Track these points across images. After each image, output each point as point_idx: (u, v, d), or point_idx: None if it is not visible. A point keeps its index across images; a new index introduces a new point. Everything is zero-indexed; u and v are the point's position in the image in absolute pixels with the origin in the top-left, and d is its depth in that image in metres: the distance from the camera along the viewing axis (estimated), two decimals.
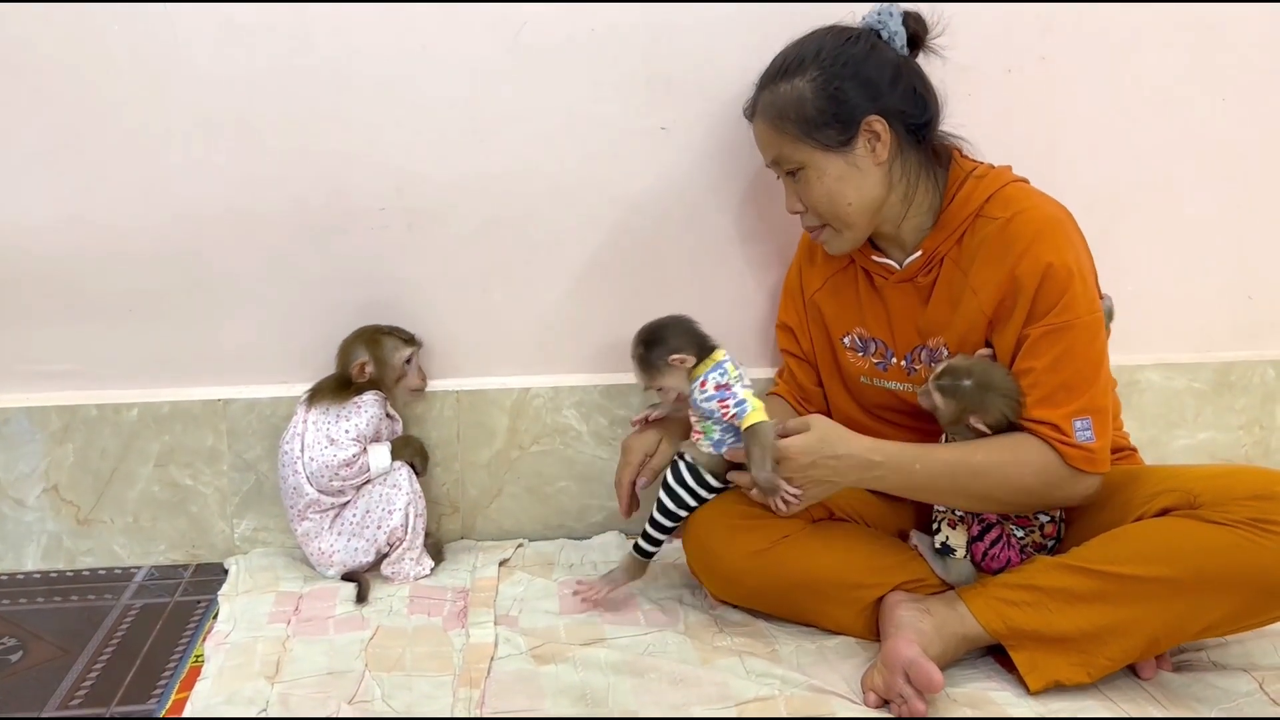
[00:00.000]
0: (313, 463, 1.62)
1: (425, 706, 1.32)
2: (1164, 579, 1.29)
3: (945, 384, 1.42)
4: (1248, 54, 1.82)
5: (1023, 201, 1.43)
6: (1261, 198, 1.90)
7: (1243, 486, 1.31)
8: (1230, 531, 1.27)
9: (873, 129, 1.42)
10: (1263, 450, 1.99)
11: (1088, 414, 1.38)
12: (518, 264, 1.76)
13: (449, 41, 1.64)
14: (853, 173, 1.44)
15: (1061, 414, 1.38)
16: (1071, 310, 1.38)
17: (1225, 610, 1.30)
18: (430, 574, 1.67)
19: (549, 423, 1.81)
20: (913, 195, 1.47)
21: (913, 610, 1.40)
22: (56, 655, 1.48)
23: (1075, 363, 1.38)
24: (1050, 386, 1.38)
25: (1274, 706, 1.32)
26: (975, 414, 1.40)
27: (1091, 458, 1.38)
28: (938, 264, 1.48)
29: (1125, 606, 1.31)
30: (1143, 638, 1.32)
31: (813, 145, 1.43)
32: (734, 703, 1.32)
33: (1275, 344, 1.99)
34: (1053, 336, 1.38)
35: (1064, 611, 1.33)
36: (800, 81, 1.43)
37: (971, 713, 1.31)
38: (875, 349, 1.56)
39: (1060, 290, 1.37)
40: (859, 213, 1.46)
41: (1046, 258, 1.38)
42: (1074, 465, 1.38)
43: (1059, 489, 1.40)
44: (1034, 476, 1.39)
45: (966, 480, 1.40)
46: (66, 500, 1.73)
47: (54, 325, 1.70)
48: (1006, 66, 1.76)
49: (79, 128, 1.62)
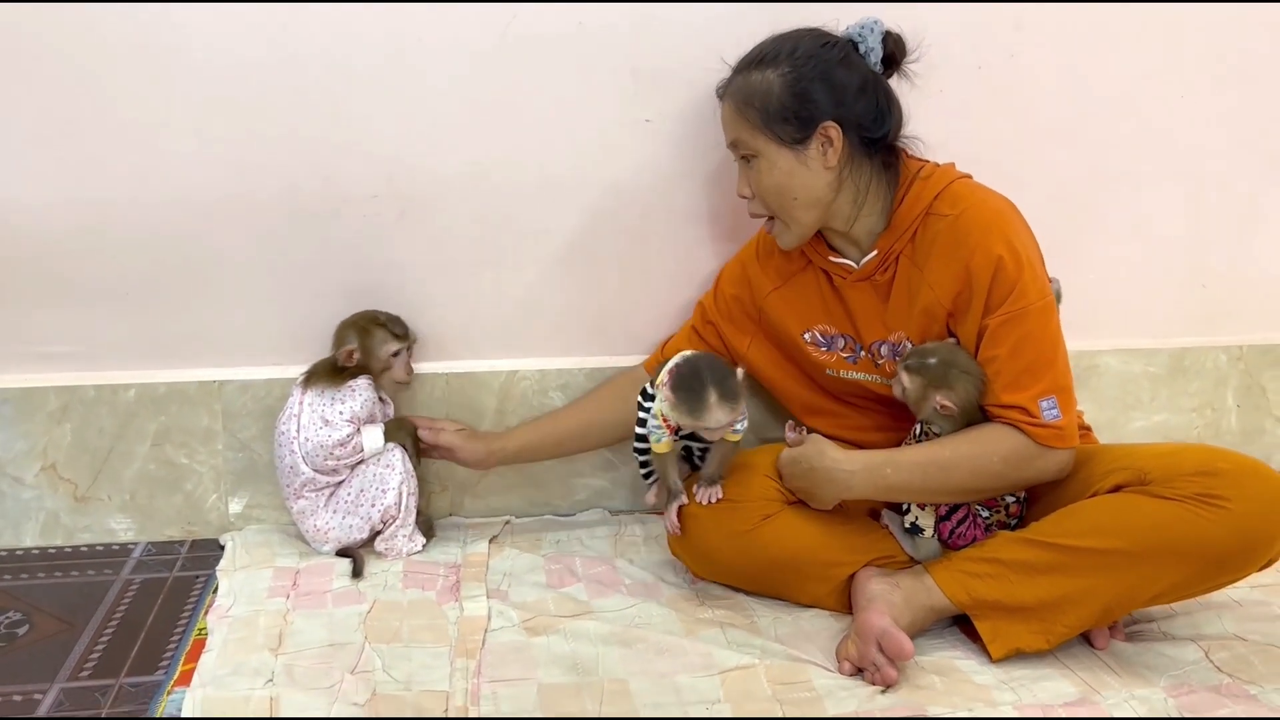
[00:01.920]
0: (308, 443, 1.68)
1: (424, 676, 1.39)
2: (1116, 550, 1.38)
3: (911, 363, 1.49)
4: (1205, 55, 1.89)
5: (969, 198, 1.50)
6: (1216, 192, 1.98)
7: (1189, 463, 1.39)
8: (1177, 505, 1.36)
9: (827, 134, 1.47)
10: (1214, 432, 2.09)
11: (1051, 393, 1.45)
12: (506, 251, 1.81)
13: (440, 33, 1.68)
14: (801, 170, 1.50)
15: (1027, 396, 1.45)
16: (1025, 297, 1.45)
17: (1173, 579, 1.39)
18: (422, 550, 1.73)
19: (536, 404, 1.87)
20: (863, 199, 1.53)
21: (883, 584, 1.48)
22: (62, 629, 1.53)
23: (1035, 346, 1.46)
24: (1014, 372, 1.45)
25: (1219, 674, 1.41)
26: (941, 390, 1.47)
27: (1060, 434, 1.45)
28: (893, 262, 1.54)
29: (1081, 577, 1.40)
30: (1098, 606, 1.41)
31: (768, 137, 1.49)
32: (717, 670, 1.40)
33: (1227, 331, 2.07)
34: (1010, 324, 1.45)
35: (1024, 583, 1.41)
36: (771, 73, 1.48)
37: (939, 680, 1.39)
38: (844, 344, 1.62)
39: (1012, 280, 1.44)
40: (803, 208, 1.52)
41: (996, 250, 1.44)
42: (1045, 444, 1.45)
43: (1031, 468, 1.47)
44: (1002, 462, 1.46)
45: (938, 476, 1.47)
46: (64, 478, 1.77)
47: (52, 307, 1.73)
48: (977, 64, 1.82)
49: (77, 112, 1.65)
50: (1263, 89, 1.93)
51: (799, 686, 1.38)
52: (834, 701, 1.35)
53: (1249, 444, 2.10)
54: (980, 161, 1.59)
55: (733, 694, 1.36)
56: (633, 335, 1.88)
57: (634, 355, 1.88)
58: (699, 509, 1.56)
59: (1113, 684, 1.39)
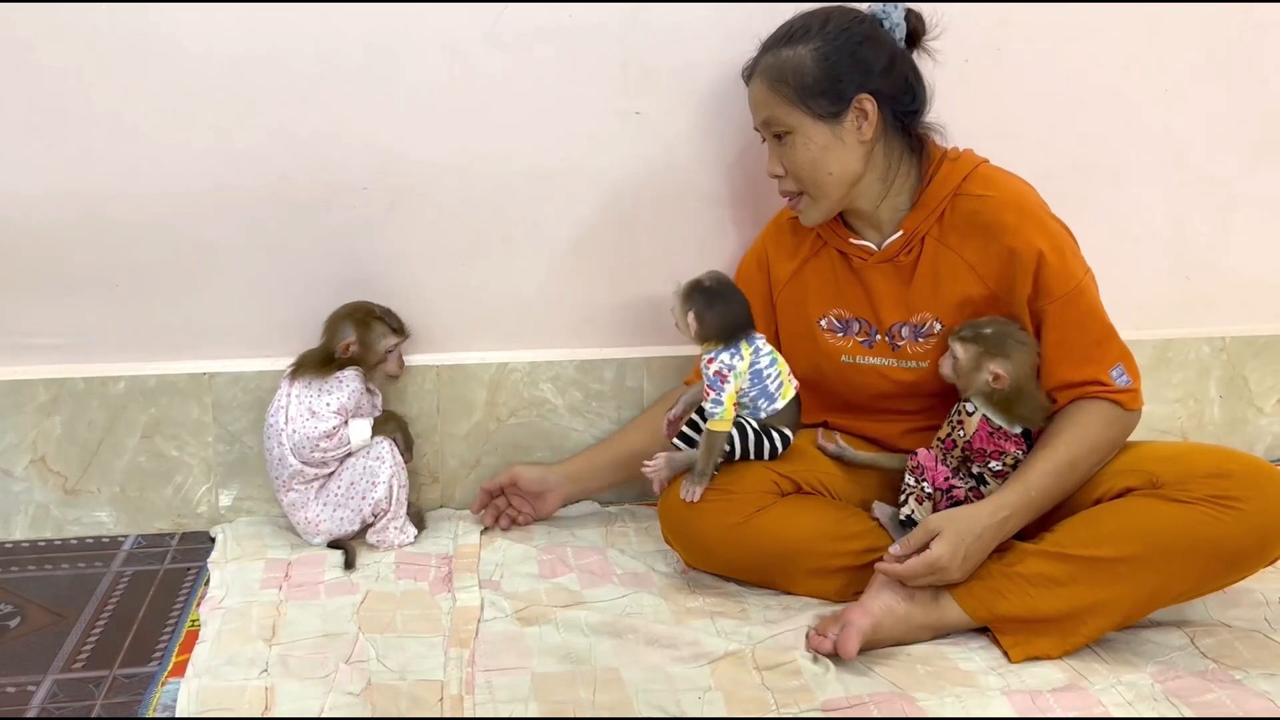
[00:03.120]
0: (295, 435, 1.68)
1: (419, 665, 1.39)
2: (1135, 557, 1.39)
3: (965, 333, 1.51)
4: (1188, 49, 1.91)
5: (999, 180, 1.54)
6: (1198, 184, 2.00)
7: (1200, 466, 1.41)
8: (1192, 509, 1.38)
9: (862, 107, 1.49)
10: (1197, 422, 2.11)
11: (1118, 361, 1.51)
12: (496, 243, 1.81)
13: (430, 25, 1.68)
14: (837, 144, 1.51)
15: (1101, 369, 1.49)
16: (1074, 275, 1.49)
17: (1190, 582, 1.42)
18: (414, 542, 1.74)
19: (526, 396, 1.88)
20: (892, 177, 1.55)
21: (899, 591, 1.46)
22: (54, 621, 1.53)
23: (1094, 320, 1.51)
24: (1084, 348, 1.50)
25: (1204, 660, 1.43)
26: (996, 359, 1.47)
27: (1135, 395, 1.51)
28: (918, 243, 1.56)
29: (1102, 587, 1.41)
30: (1119, 614, 1.43)
31: (803, 111, 1.50)
32: (707, 660, 1.41)
33: (1210, 322, 2.10)
34: (1066, 304, 1.49)
35: (1045, 596, 1.42)
36: (803, 49, 1.49)
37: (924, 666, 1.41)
38: (860, 328, 1.63)
39: (1060, 263, 1.49)
40: (837, 184, 1.53)
41: (1038, 239, 1.49)
42: (1128, 407, 1.50)
43: (1123, 433, 1.52)
44: (1106, 430, 1.49)
45: (1069, 473, 1.48)
46: (54, 471, 1.77)
47: (41, 299, 1.73)
48: (964, 56, 1.83)
49: (66, 102, 1.64)
50: (1245, 82, 1.96)
51: (784, 670, 1.39)
52: (820, 685, 1.36)
53: (1232, 434, 2.13)
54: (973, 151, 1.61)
55: (723, 682, 1.37)
56: (623, 327, 1.90)
57: (624, 347, 1.89)
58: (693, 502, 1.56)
59: (1100, 670, 1.41)
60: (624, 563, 1.70)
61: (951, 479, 1.54)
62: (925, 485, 1.55)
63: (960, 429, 1.54)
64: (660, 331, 1.89)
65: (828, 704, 1.32)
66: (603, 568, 1.68)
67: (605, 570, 1.67)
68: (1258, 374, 2.12)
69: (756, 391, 1.54)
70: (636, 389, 1.90)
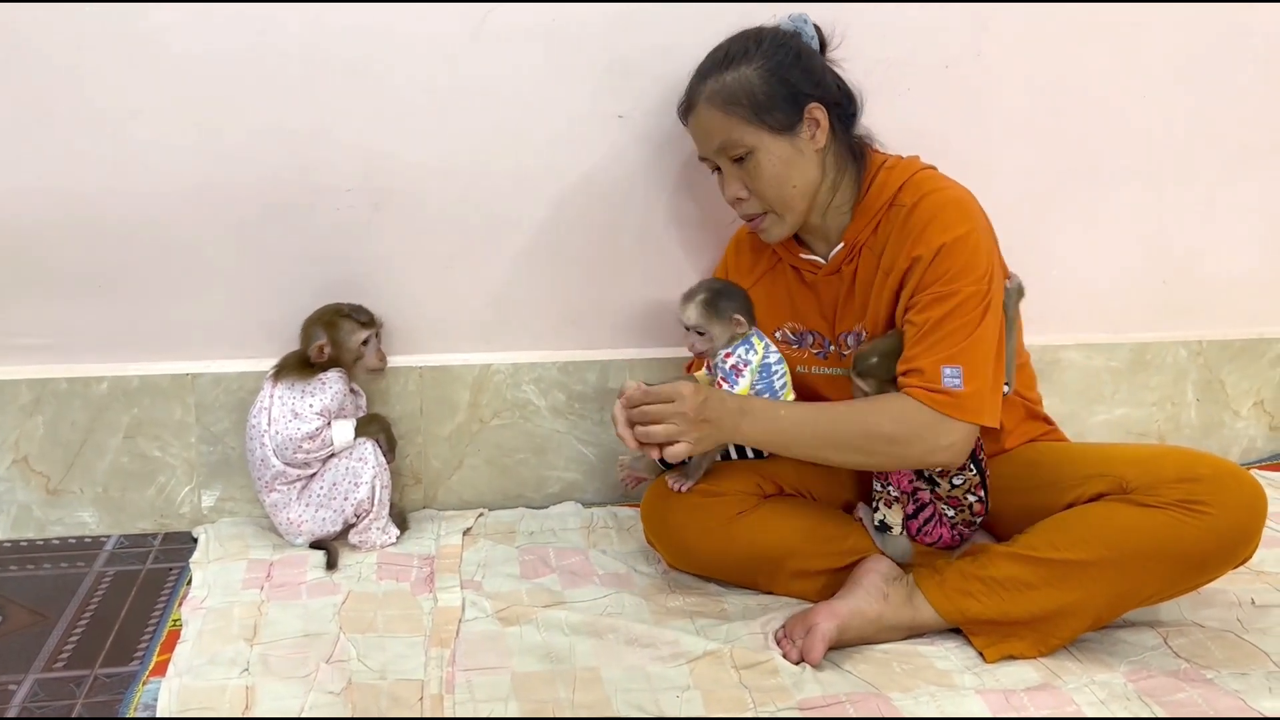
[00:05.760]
0: (278, 436, 1.69)
1: (399, 665, 1.40)
2: (1105, 561, 1.41)
3: (859, 368, 1.52)
4: (1165, 55, 1.93)
5: (928, 185, 1.52)
6: (1175, 191, 2.03)
7: (1169, 470, 1.42)
8: (1161, 513, 1.39)
9: (814, 115, 1.50)
10: (1174, 425, 2.14)
11: (958, 362, 1.42)
12: (480, 245, 1.82)
13: (416, 27, 1.69)
14: (797, 156, 1.52)
15: (930, 360, 1.43)
16: (958, 282, 1.44)
17: (1158, 584, 1.43)
18: (396, 542, 1.75)
19: (509, 398, 1.89)
20: (838, 184, 1.56)
21: (874, 592, 1.48)
22: (35, 620, 1.53)
23: (954, 322, 1.44)
24: (925, 337, 1.44)
25: (1177, 659, 1.45)
26: (893, 381, 1.49)
27: (959, 404, 1.42)
28: (858, 254, 1.57)
29: (1072, 590, 1.42)
30: (1090, 616, 1.44)
31: (761, 128, 1.50)
32: (686, 659, 1.42)
33: (1187, 326, 2.12)
34: (938, 302, 1.45)
35: (1017, 599, 1.44)
36: (747, 69, 1.50)
37: (900, 665, 1.43)
38: (814, 340, 1.65)
39: (951, 264, 1.45)
40: (801, 196, 1.54)
41: (941, 237, 1.45)
42: (939, 410, 1.42)
43: (923, 436, 1.43)
44: (892, 423, 1.44)
45: (827, 428, 1.46)
46: (36, 471, 1.77)
47: (24, 299, 1.73)
48: (944, 63, 1.85)
49: (49, 101, 1.64)
50: (1221, 89, 1.98)
51: (762, 669, 1.40)
52: (797, 685, 1.37)
53: (1208, 437, 2.15)
54: (947, 157, 1.62)
55: (701, 681, 1.38)
56: (605, 329, 1.91)
57: (607, 349, 1.91)
58: (676, 503, 1.58)
59: (1074, 669, 1.42)
60: (605, 563, 1.71)
61: (915, 481, 1.56)
62: (891, 488, 1.57)
63: None
64: (643, 333, 1.91)
65: (804, 703, 1.34)
66: (584, 568, 1.69)
67: (587, 570, 1.68)
68: (1234, 377, 2.14)
69: (763, 385, 1.56)
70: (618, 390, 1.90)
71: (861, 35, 1.59)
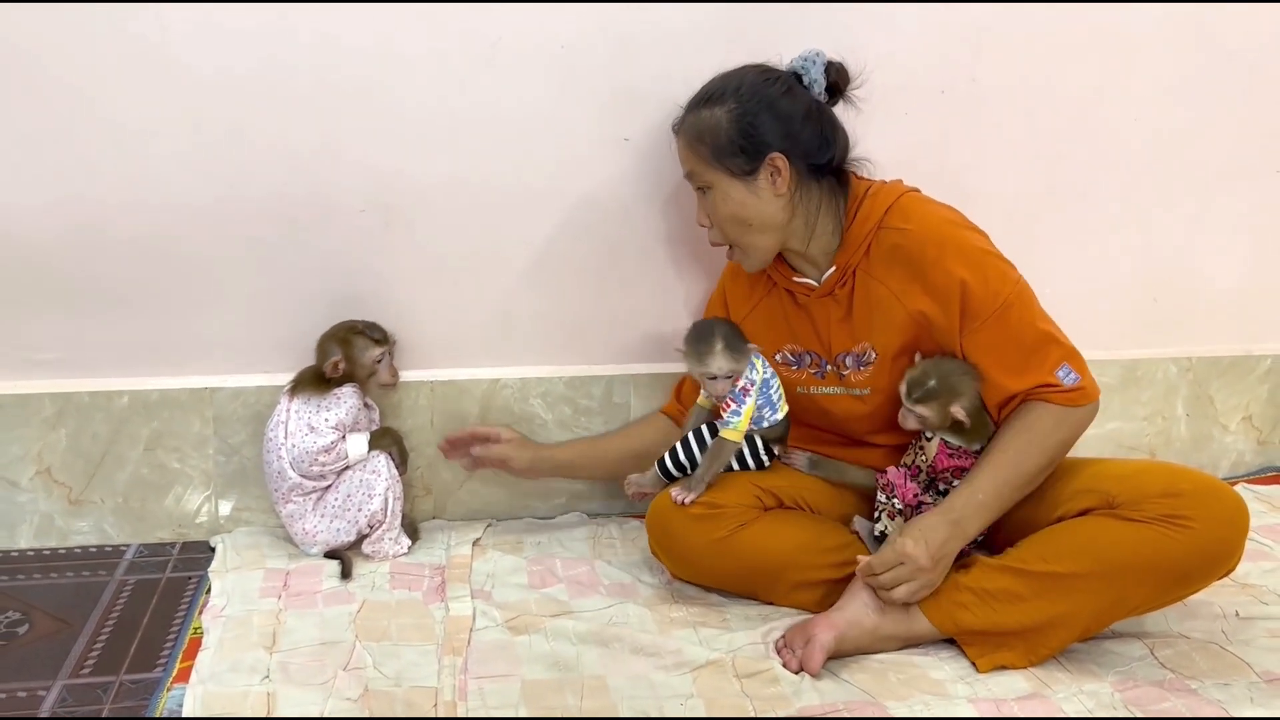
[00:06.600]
0: (295, 449, 1.74)
1: (414, 673, 1.45)
2: (1092, 574, 1.46)
3: (917, 395, 1.57)
4: (1155, 77, 1.98)
5: (917, 210, 1.58)
6: (1166, 209, 2.08)
7: (1154, 485, 1.48)
8: (1146, 527, 1.45)
9: (774, 164, 1.55)
10: (1165, 439, 2.19)
11: (1062, 361, 1.55)
12: (489, 263, 1.87)
13: (428, 49, 1.74)
14: (753, 199, 1.57)
15: (1045, 372, 1.54)
16: (999, 294, 1.53)
17: (1144, 596, 1.49)
18: (408, 552, 1.80)
19: (517, 411, 1.94)
20: (814, 220, 1.60)
21: (870, 604, 1.53)
22: (60, 628, 1.58)
23: (1027, 328, 1.55)
24: (1021, 358, 1.55)
25: (1163, 670, 1.50)
26: (954, 403, 1.55)
27: (1085, 391, 1.55)
28: (851, 277, 1.62)
29: (1060, 602, 1.48)
30: (1079, 627, 1.50)
31: (719, 169, 1.57)
32: (689, 668, 1.48)
33: (1177, 342, 2.17)
34: (996, 322, 1.54)
35: (1007, 610, 1.49)
36: (719, 110, 1.56)
37: (895, 674, 1.48)
38: (811, 360, 1.70)
39: (983, 286, 1.53)
40: (759, 234, 1.60)
41: (958, 270, 1.53)
42: (1075, 405, 1.54)
43: (1074, 429, 1.56)
44: (1055, 430, 1.55)
45: (1014, 472, 1.54)
46: (59, 482, 1.82)
47: (47, 314, 1.78)
48: (940, 88, 1.90)
49: (70, 118, 1.68)
50: (1208, 109, 2.03)
51: (763, 678, 1.46)
52: (796, 693, 1.43)
53: (1198, 451, 2.20)
54: (942, 178, 1.68)
55: (704, 689, 1.43)
56: (610, 345, 1.96)
57: (612, 364, 1.96)
58: (679, 515, 1.62)
59: (1063, 679, 1.48)
60: (611, 574, 1.76)
61: (921, 495, 1.61)
62: (895, 501, 1.62)
63: (922, 454, 1.64)
64: (646, 349, 1.96)
65: (804, 710, 1.39)
66: (590, 578, 1.74)
67: (593, 581, 1.73)
68: (1223, 393, 2.19)
69: (762, 400, 1.63)
70: (624, 405, 1.96)
71: (866, 65, 1.63)
